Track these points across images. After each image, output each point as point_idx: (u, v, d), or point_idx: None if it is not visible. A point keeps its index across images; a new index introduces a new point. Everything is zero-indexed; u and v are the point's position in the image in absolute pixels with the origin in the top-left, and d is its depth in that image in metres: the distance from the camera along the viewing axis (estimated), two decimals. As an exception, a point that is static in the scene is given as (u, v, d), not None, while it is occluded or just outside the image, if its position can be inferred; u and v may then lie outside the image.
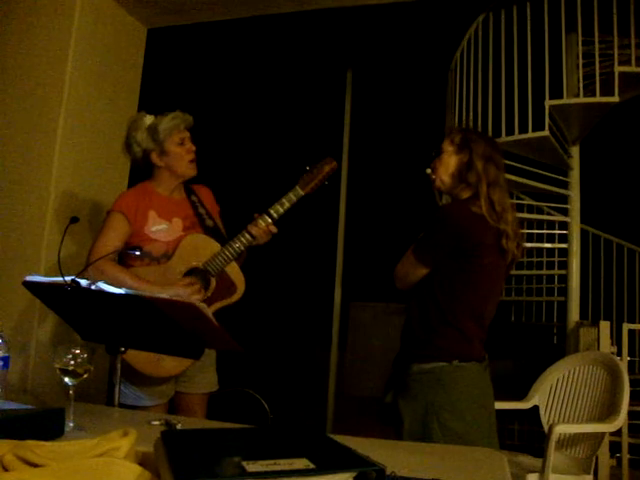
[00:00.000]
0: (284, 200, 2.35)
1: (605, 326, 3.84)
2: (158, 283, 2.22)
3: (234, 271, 2.36)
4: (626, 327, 3.95)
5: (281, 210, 2.35)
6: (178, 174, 2.41)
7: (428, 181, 2.19)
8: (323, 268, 5.96)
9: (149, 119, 2.40)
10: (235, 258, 2.33)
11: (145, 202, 2.36)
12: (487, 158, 2.04)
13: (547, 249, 4.92)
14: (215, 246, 2.33)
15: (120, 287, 1.90)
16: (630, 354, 3.97)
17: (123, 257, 2.34)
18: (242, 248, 2.32)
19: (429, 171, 2.16)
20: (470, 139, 2.08)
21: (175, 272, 2.29)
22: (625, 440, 3.67)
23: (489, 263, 2.00)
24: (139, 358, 2.18)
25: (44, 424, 1.26)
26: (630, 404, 2.53)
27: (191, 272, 2.31)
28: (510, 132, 4.03)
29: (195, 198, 2.48)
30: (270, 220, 2.34)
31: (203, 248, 2.33)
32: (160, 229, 2.34)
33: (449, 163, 2.10)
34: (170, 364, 2.25)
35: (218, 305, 2.32)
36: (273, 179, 6.34)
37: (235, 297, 2.35)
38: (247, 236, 2.32)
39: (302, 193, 2.36)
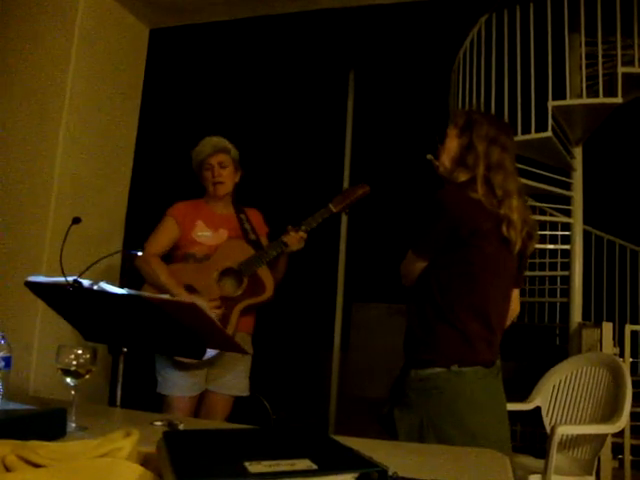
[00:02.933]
0: (317, 215, 2.59)
1: (608, 327, 3.84)
2: (194, 279, 2.51)
3: (266, 274, 2.59)
4: (629, 328, 3.95)
5: (313, 224, 2.58)
6: (209, 193, 2.70)
7: (433, 172, 2.06)
8: (326, 268, 5.96)
9: (205, 140, 2.70)
10: (267, 262, 2.56)
11: (195, 212, 2.67)
12: (491, 139, 1.89)
13: (550, 250, 4.92)
14: (250, 251, 2.59)
15: (154, 280, 2.47)
16: (632, 355, 3.97)
17: (172, 257, 2.64)
18: (274, 253, 2.56)
19: (430, 156, 2.04)
20: (473, 120, 1.94)
21: (211, 270, 2.55)
22: (627, 441, 3.67)
23: (489, 253, 1.83)
24: None
25: (46, 424, 1.26)
26: (632, 405, 2.53)
27: (226, 271, 2.56)
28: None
29: (243, 216, 2.74)
30: (302, 231, 2.58)
31: (239, 252, 2.58)
32: (205, 235, 2.63)
33: (451, 147, 1.97)
34: None
35: (248, 302, 2.55)
36: (275, 179, 6.34)
37: (263, 297, 2.57)
38: (280, 244, 2.56)
39: (334, 211, 2.60)
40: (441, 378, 1.79)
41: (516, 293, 2.07)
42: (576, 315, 4.30)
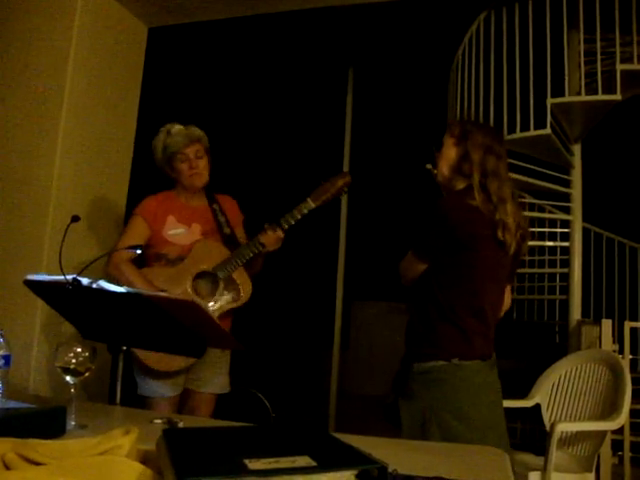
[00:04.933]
0: (295, 212, 2.43)
1: (607, 324, 3.84)
2: (168, 284, 2.38)
3: (241, 277, 2.46)
4: (628, 325, 3.95)
5: (292, 221, 2.43)
6: (185, 186, 2.56)
7: (430, 178, 2.17)
8: (325, 267, 5.96)
9: (164, 136, 2.54)
10: (244, 264, 2.44)
11: (165, 207, 2.53)
12: (486, 149, 1.99)
13: (549, 247, 4.92)
14: (225, 252, 2.45)
15: (127, 286, 2.12)
16: (632, 352, 3.96)
17: (145, 257, 2.48)
18: (251, 255, 2.42)
19: (429, 166, 2.14)
20: (468, 130, 2.04)
21: (186, 274, 2.42)
22: (627, 438, 3.67)
23: (486, 256, 1.95)
24: (150, 356, 2.33)
25: (46, 423, 1.26)
26: (632, 402, 2.53)
27: (201, 275, 2.44)
28: (512, 130, 4.03)
29: (217, 207, 2.60)
30: (280, 229, 2.43)
31: (214, 253, 2.45)
32: (177, 233, 2.50)
33: (448, 156, 2.07)
34: (181, 357, 2.33)
35: (224, 307, 2.44)
36: (273, 177, 6.34)
37: (239, 302, 2.45)
38: (257, 244, 2.42)
39: (313, 206, 2.43)
40: (442, 370, 1.91)
41: (508, 288, 2.19)
42: (575, 312, 4.30)
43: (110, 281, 2.35)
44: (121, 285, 2.30)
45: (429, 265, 2.00)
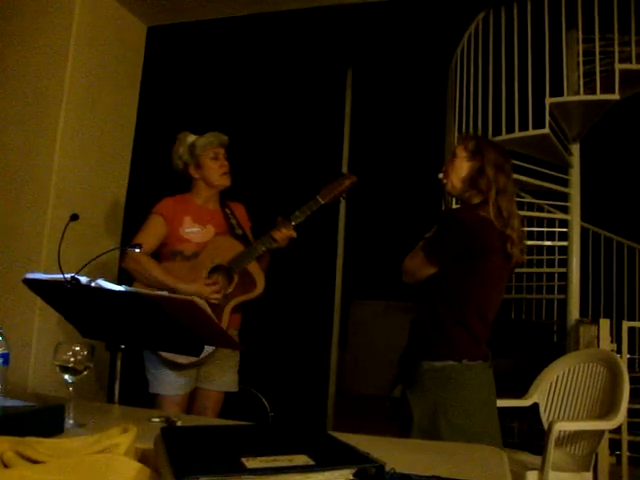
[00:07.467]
0: (305, 208, 2.56)
1: (605, 324, 3.84)
2: (184, 278, 2.47)
3: (256, 270, 2.57)
4: (626, 325, 3.95)
5: (302, 217, 2.56)
6: (211, 184, 2.67)
7: (429, 179, 2.30)
8: (324, 266, 5.95)
9: (191, 137, 2.68)
10: (257, 258, 2.55)
11: (182, 208, 2.63)
12: (498, 167, 2.13)
13: (547, 247, 4.92)
14: (239, 247, 2.56)
15: (148, 278, 2.43)
16: (630, 351, 3.97)
17: (159, 255, 2.60)
18: (264, 249, 2.53)
19: (441, 175, 2.26)
20: (483, 147, 2.17)
21: (201, 268, 2.52)
22: (625, 438, 3.67)
23: (495, 266, 2.10)
24: None
25: (44, 421, 1.26)
26: (630, 402, 2.53)
27: (216, 269, 2.54)
28: (510, 130, 4.02)
29: (228, 211, 2.73)
30: (292, 228, 2.55)
31: (228, 248, 2.56)
32: (193, 231, 2.60)
33: (461, 168, 2.19)
34: None
35: (240, 299, 2.54)
36: (272, 177, 6.34)
37: (255, 293, 2.55)
38: (270, 239, 2.53)
39: (322, 202, 2.57)
40: (455, 370, 2.04)
41: None
42: (573, 312, 4.30)
43: (128, 275, 2.46)
44: (141, 278, 2.44)
45: (439, 269, 2.10)
